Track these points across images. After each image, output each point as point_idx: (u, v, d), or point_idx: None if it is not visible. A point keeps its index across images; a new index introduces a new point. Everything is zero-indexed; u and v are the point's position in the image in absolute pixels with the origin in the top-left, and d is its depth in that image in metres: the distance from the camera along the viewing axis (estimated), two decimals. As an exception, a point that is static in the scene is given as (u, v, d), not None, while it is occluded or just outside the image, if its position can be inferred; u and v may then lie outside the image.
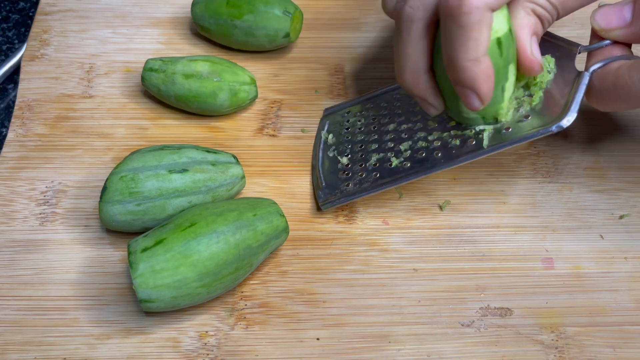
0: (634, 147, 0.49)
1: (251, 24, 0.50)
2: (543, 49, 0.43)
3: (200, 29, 0.52)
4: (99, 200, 0.43)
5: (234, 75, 0.47)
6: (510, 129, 0.41)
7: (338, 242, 0.44)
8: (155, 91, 0.48)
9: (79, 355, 0.39)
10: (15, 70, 0.54)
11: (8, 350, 0.39)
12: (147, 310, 0.39)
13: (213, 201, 0.42)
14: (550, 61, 0.42)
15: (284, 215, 0.41)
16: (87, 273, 0.42)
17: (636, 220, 0.45)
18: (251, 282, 0.42)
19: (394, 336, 0.40)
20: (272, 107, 0.50)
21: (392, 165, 0.43)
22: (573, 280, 0.43)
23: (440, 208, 0.46)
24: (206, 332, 0.40)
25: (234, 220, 0.39)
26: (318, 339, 0.40)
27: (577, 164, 0.48)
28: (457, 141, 0.42)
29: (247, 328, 0.40)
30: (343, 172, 0.45)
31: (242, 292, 0.42)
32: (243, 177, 0.43)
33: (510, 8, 0.39)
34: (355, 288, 0.42)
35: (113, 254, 0.43)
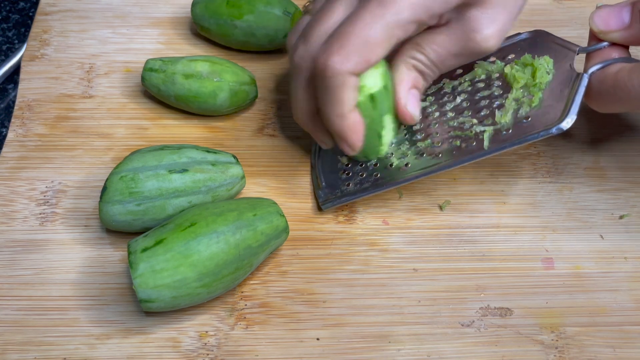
0: (634, 147, 0.49)
1: (251, 24, 0.50)
2: (543, 49, 0.44)
3: (200, 29, 0.52)
4: (99, 200, 0.43)
5: (234, 75, 0.47)
6: (511, 131, 0.41)
7: (338, 242, 0.44)
8: (155, 91, 0.48)
9: (79, 355, 0.39)
10: (15, 70, 0.53)
11: (8, 350, 0.39)
12: (147, 310, 0.39)
13: (213, 201, 0.42)
14: (549, 62, 0.42)
15: (284, 215, 0.41)
16: (87, 273, 0.42)
17: (636, 220, 0.45)
18: (251, 282, 0.42)
19: (394, 336, 0.40)
20: (272, 107, 0.50)
21: (393, 165, 0.44)
22: (573, 280, 0.43)
23: (440, 208, 0.46)
24: (206, 332, 0.40)
25: (234, 220, 0.39)
26: (318, 339, 0.40)
27: (577, 164, 0.48)
28: (458, 142, 0.42)
29: (247, 328, 0.40)
30: (343, 172, 0.45)
31: (242, 292, 0.42)
32: (243, 177, 0.43)
33: (392, 63, 0.41)
34: (355, 288, 0.42)
35: (113, 254, 0.43)
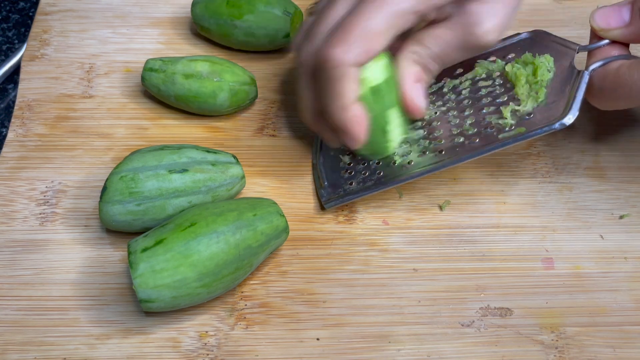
0: (634, 147, 0.49)
1: (251, 24, 0.50)
2: (543, 48, 0.44)
3: (200, 29, 0.52)
4: (99, 200, 0.43)
5: (234, 75, 0.47)
6: (514, 127, 0.41)
7: (338, 242, 0.44)
8: (155, 91, 0.48)
9: (79, 355, 0.39)
10: (15, 70, 0.53)
11: (8, 350, 0.39)
12: (147, 310, 0.39)
13: (213, 201, 0.42)
14: (550, 60, 0.42)
15: (284, 215, 0.41)
16: (87, 273, 0.42)
17: (636, 220, 0.45)
18: (251, 282, 0.42)
19: (394, 336, 0.40)
20: (272, 107, 0.50)
21: (396, 163, 0.44)
22: (573, 280, 0.43)
23: (440, 208, 0.46)
24: (206, 332, 0.40)
25: (234, 220, 0.39)
26: (318, 339, 0.40)
27: (577, 164, 0.48)
28: (462, 138, 0.42)
29: (247, 328, 0.40)
30: (345, 171, 0.45)
31: (242, 292, 0.42)
32: (243, 177, 0.43)
33: (396, 57, 0.41)
34: (356, 288, 0.42)
35: (113, 254, 0.43)
